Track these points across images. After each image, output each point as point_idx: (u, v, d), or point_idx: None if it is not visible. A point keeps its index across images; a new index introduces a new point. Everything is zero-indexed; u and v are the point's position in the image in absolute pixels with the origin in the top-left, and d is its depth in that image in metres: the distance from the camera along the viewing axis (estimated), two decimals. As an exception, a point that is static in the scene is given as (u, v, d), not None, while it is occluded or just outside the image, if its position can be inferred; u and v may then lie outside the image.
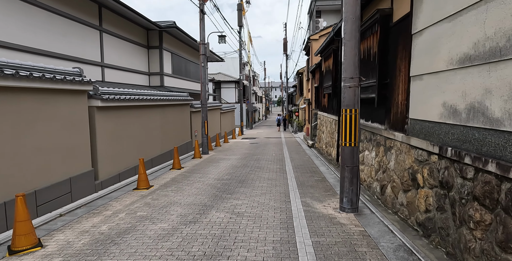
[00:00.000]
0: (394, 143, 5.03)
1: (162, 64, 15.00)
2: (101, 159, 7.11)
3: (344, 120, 4.95)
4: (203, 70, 12.93)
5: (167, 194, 6.53)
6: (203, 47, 12.79)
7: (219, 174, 8.56)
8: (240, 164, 10.29)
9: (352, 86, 4.84)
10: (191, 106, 14.27)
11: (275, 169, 9.26)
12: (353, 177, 4.96)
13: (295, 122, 30.08)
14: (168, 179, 8.06)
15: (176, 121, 12.41)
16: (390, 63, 5.35)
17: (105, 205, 5.88)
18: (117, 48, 11.77)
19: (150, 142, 9.89)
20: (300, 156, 12.13)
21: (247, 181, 7.59)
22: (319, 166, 9.67)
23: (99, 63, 10.74)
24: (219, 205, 5.66)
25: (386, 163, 5.38)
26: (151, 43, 14.73)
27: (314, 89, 16.46)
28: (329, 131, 11.34)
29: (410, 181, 4.39)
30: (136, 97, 8.56)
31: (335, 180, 7.59)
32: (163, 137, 10.98)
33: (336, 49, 9.87)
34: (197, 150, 12.05)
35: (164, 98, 10.73)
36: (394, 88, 5.16)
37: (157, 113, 10.50)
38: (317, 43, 15.99)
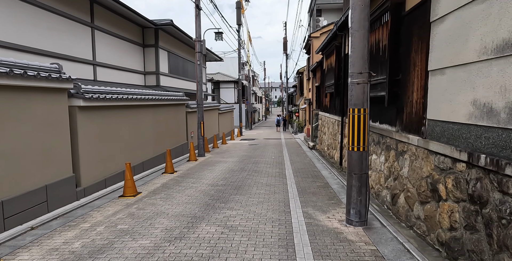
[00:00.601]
0: (408, 147, 4.43)
1: (158, 63, 14.45)
2: (84, 164, 6.52)
3: (352, 122, 4.35)
4: (199, 68, 12.35)
5: (154, 203, 5.93)
6: (199, 45, 12.21)
7: (214, 179, 7.96)
8: (237, 167, 9.69)
9: (360, 82, 4.24)
10: (187, 107, 13.68)
11: (274, 173, 8.66)
12: (361, 186, 4.36)
13: (295, 123, 29.50)
14: (159, 185, 7.46)
15: (171, 122, 11.82)
16: (402, 57, 4.76)
17: (84, 216, 5.29)
18: (110, 46, 11.23)
19: (142, 144, 9.30)
20: (300, 158, 11.54)
21: (243, 187, 6.99)
22: (321, 170, 9.07)
23: (91, 62, 10.18)
24: (211, 216, 5.06)
25: (398, 169, 4.78)
26: (146, 41, 14.18)
27: (315, 89, 15.88)
28: (331, 132, 10.75)
29: (429, 192, 3.79)
30: (124, 97, 7.96)
31: (339, 186, 6.98)
32: (156, 138, 10.39)
33: (339, 45, 9.28)
34: (193, 152, 11.45)
35: (157, 98, 10.13)
36: (407, 85, 4.57)
37: (149, 113, 9.90)
38: (318, 41, 15.40)
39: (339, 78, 9.37)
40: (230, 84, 37.08)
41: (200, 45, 12.25)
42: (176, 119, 12.39)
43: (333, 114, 10.53)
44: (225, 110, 22.33)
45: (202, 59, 21.20)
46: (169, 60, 15.71)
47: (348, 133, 4.44)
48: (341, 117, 8.69)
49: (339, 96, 9.37)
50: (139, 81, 13.81)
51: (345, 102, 8.60)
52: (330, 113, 11.13)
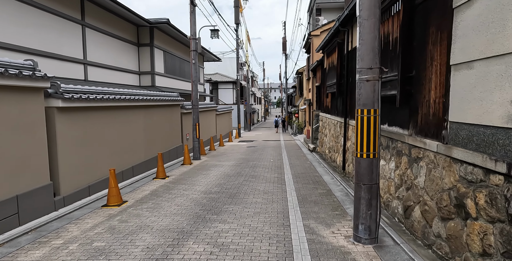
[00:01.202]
0: (425, 153, 3.87)
1: (153, 62, 13.90)
2: (63, 170, 5.95)
3: (360, 124, 3.79)
4: (194, 67, 11.79)
5: (140, 214, 5.36)
6: (194, 43, 11.65)
7: (208, 185, 7.39)
8: (233, 172, 9.12)
9: (370, 79, 3.68)
10: (182, 108, 13.11)
11: (273, 178, 8.09)
12: (371, 198, 3.79)
13: (294, 124, 28.96)
14: (147, 192, 6.89)
15: (164, 123, 11.25)
16: (416, 51, 4.21)
17: (59, 230, 4.72)
18: (103, 45, 10.71)
19: (131, 148, 8.73)
20: (300, 161, 10.97)
21: (238, 195, 6.42)
22: (323, 175, 8.50)
23: (81, 61, 9.65)
24: (200, 231, 4.49)
25: (412, 177, 4.22)
26: (141, 40, 13.65)
27: (315, 89, 15.32)
28: (333, 134, 10.19)
29: (452, 207, 3.23)
30: (111, 97, 7.40)
31: (342, 194, 6.42)
32: (148, 141, 9.82)
33: (341, 42, 8.73)
34: (187, 156, 10.88)
35: (149, 98, 9.57)
36: (422, 83, 4.01)
37: (140, 115, 9.34)
38: (318, 39, 14.86)
39: (341, 77, 8.83)
40: (228, 85, 36.53)
41: (195, 43, 11.69)
42: (170, 121, 11.83)
43: (335, 115, 9.97)
44: (222, 111, 21.78)
45: (199, 59, 20.69)
46: (165, 60, 15.18)
47: (356, 137, 3.88)
48: (344, 119, 8.13)
49: (342, 96, 8.82)
50: (134, 82, 13.27)
51: (348, 102, 8.05)
52: (332, 115, 10.58)
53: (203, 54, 22.05)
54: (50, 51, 8.09)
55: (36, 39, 7.58)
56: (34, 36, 7.49)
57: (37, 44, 7.63)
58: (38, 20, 7.65)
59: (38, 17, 7.65)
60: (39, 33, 7.69)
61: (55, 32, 8.24)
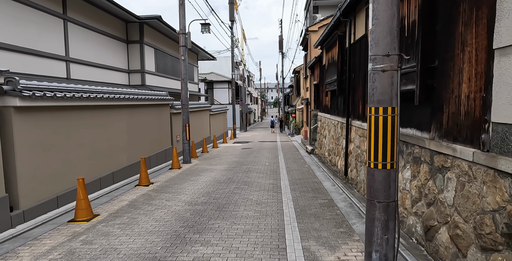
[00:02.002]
0: (454, 162, 3.09)
1: (143, 60, 13.08)
2: (23, 180, 5.12)
3: (374, 126, 3.01)
4: (183, 64, 10.98)
5: (109, 232, 4.54)
6: (183, 37, 10.85)
7: (194, 194, 6.58)
8: (224, 177, 8.32)
9: (387, 68, 2.90)
10: (171, 107, 12.30)
11: (267, 185, 7.30)
12: (388, 220, 3.01)
13: (291, 125, 28.20)
14: (125, 203, 6.08)
15: (151, 125, 10.44)
16: (441, 36, 3.43)
17: (7, 255, 3.90)
18: (87, 41, 9.94)
19: (112, 152, 7.91)
20: (298, 165, 10.19)
21: (228, 207, 5.62)
22: (323, 181, 7.72)
23: (63, 58, 8.86)
24: (176, 257, 3.68)
25: (435, 191, 3.44)
26: (130, 37, 12.84)
27: (313, 88, 14.56)
28: (333, 136, 9.42)
29: (499, 236, 2.45)
30: (85, 95, 6.58)
31: (346, 204, 5.64)
32: (132, 144, 9.00)
33: (342, 35, 7.95)
34: (176, 160, 10.06)
35: (133, 97, 8.75)
36: (450, 74, 3.23)
37: (123, 115, 8.52)
38: (316, 35, 14.09)
39: (342, 73, 8.05)
40: (224, 84, 35.69)
41: (185, 38, 10.89)
42: (158, 122, 11.01)
43: (335, 115, 9.20)
44: (217, 111, 20.96)
45: (193, 58, 19.86)
46: (157, 58, 14.37)
47: (368, 143, 3.10)
48: (346, 119, 7.36)
49: (343, 95, 8.04)
50: (123, 81, 12.46)
51: (350, 101, 7.28)
52: (332, 114, 9.80)
53: (197, 52, 21.26)
54: (27, 47, 7.29)
55: (10, 33, 6.75)
56: (7, 30, 6.65)
57: (11, 38, 6.79)
58: (13, 13, 6.81)
59: (13, 9, 6.82)
60: (14, 27, 6.85)
61: (33, 26, 7.44)
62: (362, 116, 6.41)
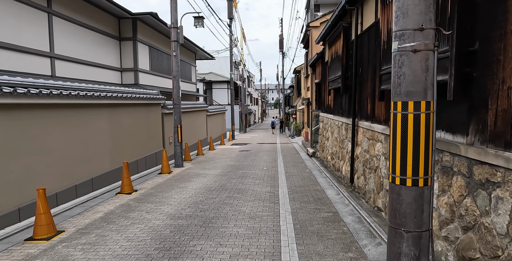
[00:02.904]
0: (508, 176, 2.28)
1: (136, 58, 12.32)
2: (-27, 190, 4.33)
3: (401, 127, 2.21)
4: (175, 60, 10.20)
5: (68, 256, 3.74)
6: (175, 32, 10.07)
7: (180, 205, 5.78)
8: (217, 184, 7.52)
9: (420, 48, 2.10)
10: (163, 107, 11.51)
11: (264, 194, 6.49)
12: (420, 256, 2.20)
13: (292, 126, 27.40)
14: (99, 215, 5.28)
15: (139, 125, 9.65)
16: (484, 10, 2.62)
17: None
18: (75, 37, 9.30)
19: (91, 156, 7.12)
20: (298, 170, 9.38)
21: (215, 222, 4.81)
22: (326, 188, 6.91)
23: (47, 54, 8.19)
24: (141, 295, 2.88)
25: (476, 212, 2.63)
26: (123, 34, 12.11)
27: (314, 87, 13.75)
28: (337, 138, 8.61)
29: None
30: (55, 92, 5.78)
31: (354, 219, 4.83)
32: (116, 147, 8.21)
33: (347, 26, 7.16)
34: (165, 164, 9.26)
35: (116, 95, 7.96)
36: (499, 59, 2.43)
37: (103, 115, 7.72)
38: (317, 30, 13.30)
39: (347, 69, 7.25)
40: (223, 84, 34.90)
41: (177, 33, 10.10)
42: (147, 122, 10.22)
43: (339, 115, 8.39)
44: (214, 112, 20.17)
45: (191, 58, 19.04)
46: (151, 56, 13.62)
47: (390, 149, 2.30)
48: (352, 120, 6.55)
49: (348, 93, 7.25)
50: (115, 79, 11.73)
51: (357, 99, 6.48)
52: (335, 115, 8.99)
53: (195, 52, 20.53)
54: (5, 41, 6.56)
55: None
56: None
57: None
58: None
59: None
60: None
61: (12, 19, 6.70)
62: (371, 116, 5.60)
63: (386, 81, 4.43)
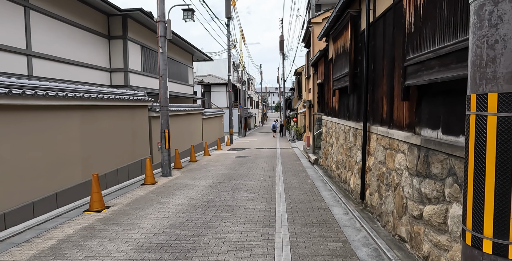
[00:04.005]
0: None
1: (126, 58, 11.35)
2: None
3: (499, 140, 1.13)
4: (161, 58, 9.19)
5: None
6: (162, 26, 9.07)
7: (154, 229, 4.72)
8: (204, 198, 6.46)
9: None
10: (151, 110, 10.48)
11: (257, 213, 5.42)
12: None
13: (292, 130, 26.37)
14: (49, 244, 4.22)
15: (121, 130, 8.61)
16: None
17: None
18: (58, 34, 8.43)
19: (54, 165, 6.08)
20: (299, 180, 8.31)
21: (191, 256, 3.74)
22: (332, 205, 5.84)
23: (23, 52, 7.35)
24: None
25: None
26: (113, 32, 11.19)
27: (316, 88, 12.72)
28: (343, 145, 7.55)
29: None
30: (2, 91, 4.75)
31: (370, 252, 3.76)
32: (89, 155, 7.16)
33: (356, 15, 6.14)
34: (149, 173, 8.21)
35: (89, 96, 6.92)
36: None
37: (74, 118, 6.69)
38: (319, 27, 12.29)
39: (356, 65, 6.22)
40: (222, 87, 33.91)
41: (164, 27, 9.10)
42: (131, 127, 9.18)
43: (346, 119, 7.34)
44: (211, 115, 19.15)
45: (188, 59, 17.97)
46: (144, 56, 12.66)
47: (466, 182, 1.23)
48: (363, 124, 5.48)
49: (357, 92, 6.21)
50: (103, 80, 10.81)
51: (369, 100, 5.43)
52: (341, 118, 7.94)
53: (193, 53, 19.57)
54: None
55: None
56: None
57: None
58: None
59: None
60: None
61: None
62: (388, 120, 4.55)
63: (414, 75, 3.38)
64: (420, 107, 3.55)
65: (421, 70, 3.21)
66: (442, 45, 2.77)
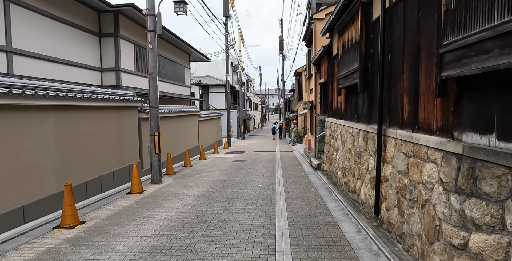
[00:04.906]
0: None
1: (118, 57, 10.62)
2: None
3: None
4: (151, 54, 8.42)
5: None
6: (151, 20, 8.31)
7: (130, 253, 3.93)
8: (194, 211, 5.67)
9: None
10: (141, 111, 9.69)
11: (254, 232, 4.63)
12: None
13: (293, 132, 25.59)
14: (-3, 275, 3.43)
15: (106, 133, 7.82)
16: None
17: None
18: (43, 31, 7.78)
19: (21, 174, 5.29)
20: (301, 188, 7.52)
21: (170, 295, 2.96)
22: (341, 221, 5.06)
23: (2, 48, 6.81)
24: None
25: None
26: (104, 29, 10.50)
27: (319, 88, 11.96)
28: (350, 150, 6.77)
29: None
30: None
31: (396, 288, 2.97)
32: (66, 161, 6.38)
33: (367, 2, 5.39)
34: (136, 181, 7.43)
35: (66, 95, 6.14)
36: None
37: (48, 120, 5.91)
38: (322, 23, 11.55)
39: (367, 59, 5.46)
40: (220, 88, 33.15)
41: (153, 21, 8.35)
42: (118, 129, 8.39)
43: (354, 121, 6.57)
44: (208, 117, 18.36)
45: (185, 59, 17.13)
46: (137, 56, 11.93)
47: None
48: (378, 127, 4.71)
49: (369, 90, 5.44)
50: (93, 80, 10.11)
51: (385, 98, 4.66)
52: (348, 120, 7.17)
53: (190, 53, 18.84)
54: None
55: None
56: None
57: None
58: None
59: None
60: None
61: None
62: (412, 122, 3.78)
63: (456, 63, 2.61)
64: (460, 106, 2.79)
65: (467, 57, 2.44)
66: (507, 19, 2.00)
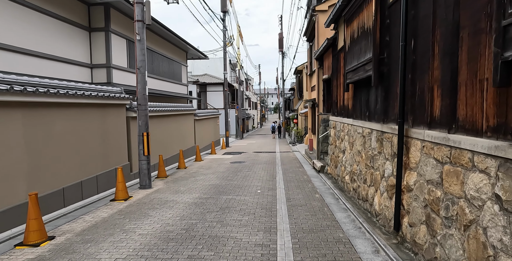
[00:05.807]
0: None
1: (109, 53, 9.90)
2: None
3: None
4: (139, 47, 7.66)
5: None
6: (139, 9, 7.55)
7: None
8: (183, 224, 4.92)
9: None
10: (129, 110, 8.93)
11: (252, 251, 3.88)
12: None
13: (293, 131, 24.86)
14: None
15: (88, 133, 7.06)
16: None
17: None
18: (25, 23, 7.16)
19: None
20: (304, 194, 6.77)
21: None
22: (353, 236, 4.31)
23: None
24: None
25: None
26: (94, 23, 9.85)
27: (322, 84, 11.20)
28: (360, 152, 6.02)
29: None
30: None
31: None
32: (38, 165, 5.61)
33: (382, -19, 4.62)
34: (121, 187, 6.68)
35: (36, 90, 5.37)
36: None
37: (12, 120, 5.14)
38: (325, 15, 10.80)
39: (382, 48, 4.71)
40: (218, 87, 32.36)
41: (141, 10, 7.58)
42: (102, 129, 7.62)
43: (364, 119, 5.81)
44: (205, 116, 17.58)
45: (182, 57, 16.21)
46: (130, 51, 11.20)
47: None
48: (399, 125, 3.94)
49: (385, 84, 4.69)
50: (83, 77, 9.44)
51: (408, 92, 3.90)
52: (356, 119, 6.42)
53: (187, 50, 18.08)
54: None
55: None
56: None
57: None
58: None
59: None
60: None
61: None
62: (446, 120, 3.02)
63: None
64: (529, 98, 2.03)
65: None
66: None
